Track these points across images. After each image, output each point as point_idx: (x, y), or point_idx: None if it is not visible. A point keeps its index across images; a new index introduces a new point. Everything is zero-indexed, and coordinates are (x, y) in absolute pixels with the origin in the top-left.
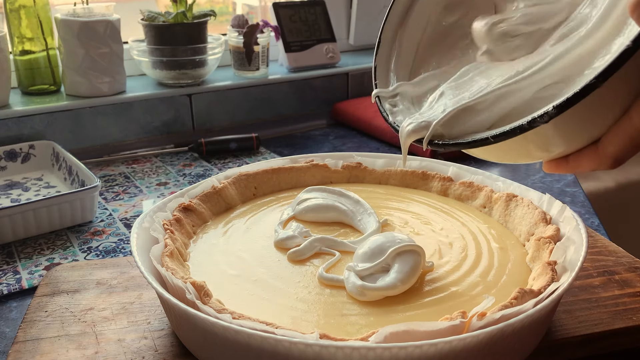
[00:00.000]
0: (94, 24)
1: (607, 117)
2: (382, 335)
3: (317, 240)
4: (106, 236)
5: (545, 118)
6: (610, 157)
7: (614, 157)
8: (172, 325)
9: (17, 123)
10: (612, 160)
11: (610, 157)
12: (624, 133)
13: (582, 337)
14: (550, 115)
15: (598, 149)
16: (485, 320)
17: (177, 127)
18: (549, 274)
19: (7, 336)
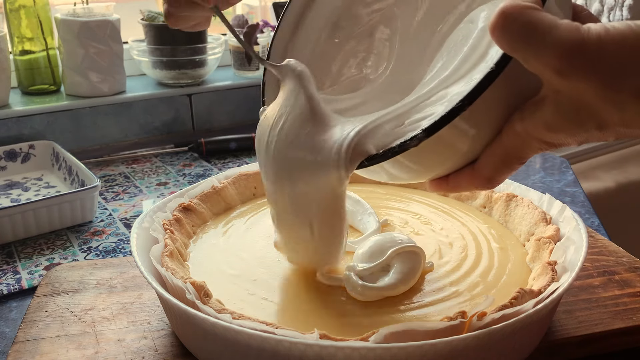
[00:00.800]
0: (94, 24)
1: (480, 138)
2: (382, 336)
3: None
4: (106, 236)
5: (414, 142)
6: (485, 177)
7: (488, 178)
8: (172, 325)
9: (17, 123)
10: (487, 180)
11: (485, 177)
12: (495, 154)
13: (582, 337)
14: (420, 139)
15: (474, 170)
16: (485, 320)
17: (177, 127)
18: (549, 274)
19: (7, 336)
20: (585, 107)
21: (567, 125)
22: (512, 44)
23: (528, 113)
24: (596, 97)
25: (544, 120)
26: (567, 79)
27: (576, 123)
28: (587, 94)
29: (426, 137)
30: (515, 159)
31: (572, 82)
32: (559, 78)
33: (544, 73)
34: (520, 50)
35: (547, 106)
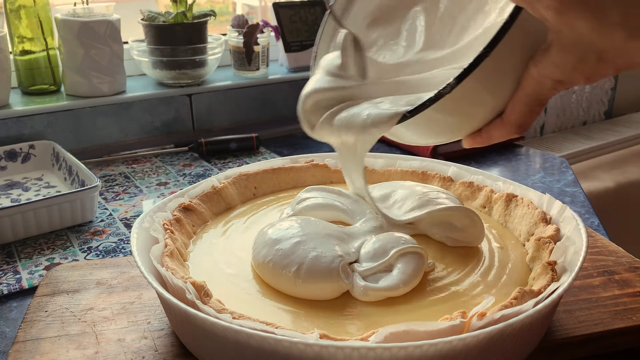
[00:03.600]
0: (94, 24)
1: (503, 88)
2: (382, 335)
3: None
4: (106, 236)
5: (447, 89)
6: (514, 124)
7: (517, 124)
8: (172, 325)
9: (17, 123)
10: (516, 127)
11: (514, 124)
12: (520, 101)
13: (582, 337)
14: (452, 86)
15: (503, 119)
16: (485, 320)
17: (177, 127)
18: (549, 274)
19: (7, 336)
20: (583, 41)
21: (572, 60)
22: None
23: (539, 57)
24: (589, 29)
25: (552, 60)
26: (565, 17)
27: (579, 57)
28: (582, 28)
29: (458, 82)
30: (536, 102)
31: (569, 19)
32: (558, 17)
33: (546, 15)
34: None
35: (554, 47)
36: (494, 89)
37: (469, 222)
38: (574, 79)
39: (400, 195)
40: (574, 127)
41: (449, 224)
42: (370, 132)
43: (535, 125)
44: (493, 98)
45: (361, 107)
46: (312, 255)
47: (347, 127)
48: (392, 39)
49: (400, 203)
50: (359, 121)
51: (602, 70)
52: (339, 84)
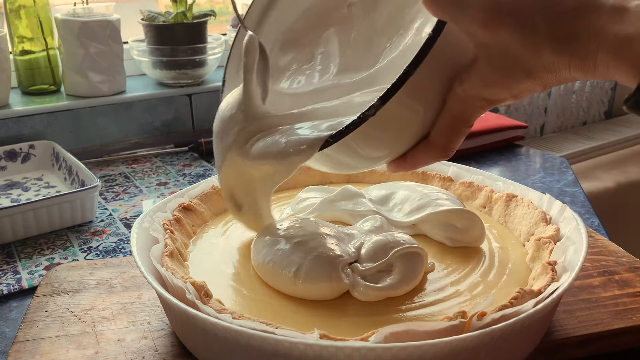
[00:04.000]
0: (94, 24)
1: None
2: (382, 336)
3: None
4: (106, 236)
5: (372, 110)
6: (440, 146)
7: (444, 146)
8: (172, 325)
9: (17, 123)
10: (443, 149)
11: (440, 146)
12: (446, 122)
13: (582, 337)
14: (377, 107)
15: (429, 142)
16: (485, 320)
17: (177, 127)
18: (549, 274)
19: (7, 336)
20: (511, 56)
21: (499, 76)
22: (443, 6)
23: (465, 75)
24: (517, 43)
25: (479, 77)
26: (491, 30)
27: (506, 73)
28: (510, 43)
29: (382, 103)
30: (462, 122)
31: (497, 32)
32: (485, 30)
33: (471, 28)
34: (451, 11)
35: (480, 63)
36: (419, 109)
37: (469, 223)
38: (501, 97)
39: (400, 196)
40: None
41: (450, 224)
42: (290, 161)
43: (535, 125)
44: (418, 119)
45: (278, 134)
46: (312, 255)
47: (264, 157)
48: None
49: (401, 204)
50: (277, 149)
51: (531, 86)
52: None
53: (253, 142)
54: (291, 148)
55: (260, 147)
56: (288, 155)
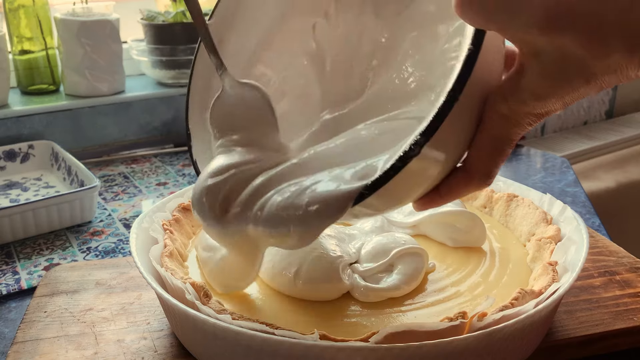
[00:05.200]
0: (93, 24)
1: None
2: (382, 336)
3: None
4: (105, 236)
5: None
6: (481, 173)
7: (485, 173)
8: (172, 326)
9: (16, 123)
10: (484, 176)
11: (481, 173)
12: (484, 146)
13: (582, 338)
14: (420, 144)
15: (466, 171)
16: (485, 320)
17: (176, 127)
18: (549, 275)
19: (6, 337)
20: (571, 62)
21: (553, 86)
22: (489, 14)
23: (509, 90)
24: (581, 47)
25: (530, 90)
26: (554, 35)
27: (563, 82)
28: (572, 47)
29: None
30: (505, 143)
31: (557, 37)
32: (545, 36)
33: (526, 36)
34: (499, 18)
35: (530, 74)
36: (458, 136)
37: (470, 223)
38: (553, 108)
39: None
40: (575, 127)
41: (451, 225)
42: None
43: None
44: (456, 148)
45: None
46: (313, 256)
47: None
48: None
49: None
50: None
51: (586, 92)
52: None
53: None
54: (317, 208)
55: (272, 211)
56: (315, 218)
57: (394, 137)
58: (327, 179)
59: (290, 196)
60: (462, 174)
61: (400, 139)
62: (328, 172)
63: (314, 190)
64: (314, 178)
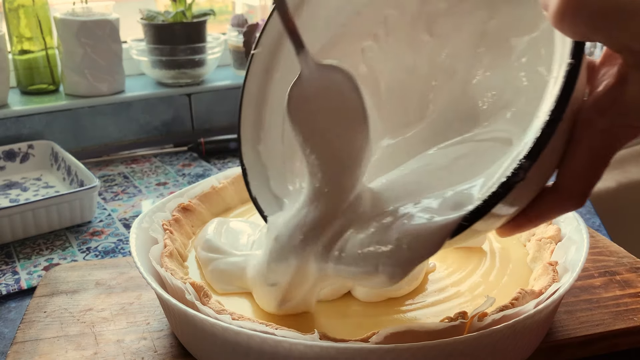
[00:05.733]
0: (93, 24)
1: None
2: (382, 336)
3: None
4: (105, 236)
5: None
6: (577, 194)
7: (582, 193)
8: (172, 326)
9: (15, 123)
10: (582, 196)
11: (577, 194)
12: (580, 162)
13: (583, 338)
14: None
15: (560, 191)
16: (486, 320)
17: (176, 126)
18: (549, 275)
19: (6, 337)
20: None
21: None
22: (596, 23)
23: (608, 104)
24: None
25: (634, 102)
26: None
27: None
28: None
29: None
30: (603, 159)
31: None
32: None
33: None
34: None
35: (634, 85)
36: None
37: None
38: None
39: None
40: None
41: None
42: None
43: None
44: (551, 169)
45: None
46: None
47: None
48: None
49: None
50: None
51: None
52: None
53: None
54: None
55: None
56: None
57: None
58: (415, 211)
59: (375, 232)
60: (554, 196)
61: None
62: (412, 204)
63: (404, 224)
64: (397, 211)
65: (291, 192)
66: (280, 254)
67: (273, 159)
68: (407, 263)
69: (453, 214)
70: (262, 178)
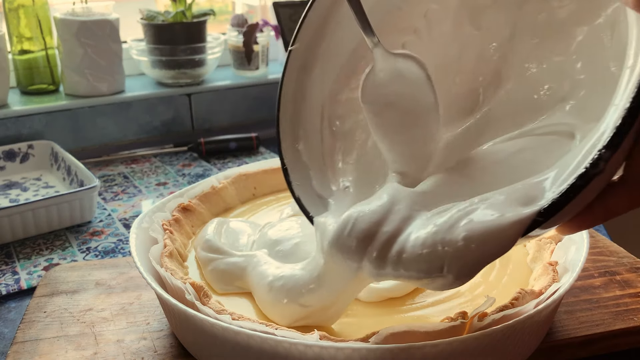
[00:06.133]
0: (93, 24)
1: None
2: (382, 336)
3: None
4: (105, 236)
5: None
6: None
7: None
8: (172, 326)
9: (15, 123)
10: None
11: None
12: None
13: (583, 338)
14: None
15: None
16: (486, 321)
17: (176, 126)
18: (549, 275)
19: (6, 337)
20: None
21: None
22: None
23: None
24: None
25: None
26: None
27: None
28: None
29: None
30: None
31: None
32: None
33: None
34: None
35: None
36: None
37: None
38: None
39: None
40: None
41: None
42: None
43: None
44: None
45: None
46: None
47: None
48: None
49: None
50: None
51: None
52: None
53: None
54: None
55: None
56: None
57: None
58: (480, 208)
59: (439, 231)
60: (622, 190)
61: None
62: (475, 200)
63: (471, 222)
64: (459, 207)
65: (335, 192)
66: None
67: (314, 158)
68: (476, 263)
69: (526, 209)
70: (304, 178)
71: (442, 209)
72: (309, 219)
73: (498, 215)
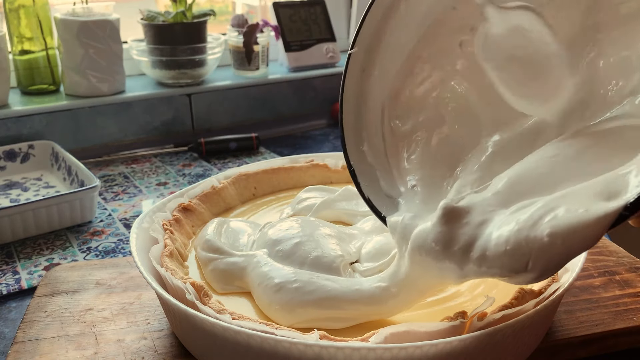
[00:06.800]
0: (93, 24)
1: None
2: (382, 336)
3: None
4: (105, 236)
5: None
6: None
7: None
8: (172, 326)
9: (16, 123)
10: None
11: None
12: None
13: (582, 338)
14: None
15: None
16: (486, 320)
17: (176, 127)
18: None
19: (6, 337)
20: None
21: None
22: None
23: None
24: None
25: None
26: None
27: None
28: None
29: None
30: None
31: None
32: None
33: None
34: None
35: None
36: None
37: None
38: None
39: None
40: None
41: None
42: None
43: None
44: None
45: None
46: (313, 255)
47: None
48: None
49: None
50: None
51: None
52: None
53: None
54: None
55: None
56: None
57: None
58: (560, 204)
59: (522, 229)
60: None
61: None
62: (553, 196)
63: (555, 217)
64: (539, 204)
65: (403, 192)
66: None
67: (378, 159)
68: (561, 259)
69: (611, 204)
70: (371, 178)
71: (521, 206)
72: (381, 219)
73: (583, 211)
